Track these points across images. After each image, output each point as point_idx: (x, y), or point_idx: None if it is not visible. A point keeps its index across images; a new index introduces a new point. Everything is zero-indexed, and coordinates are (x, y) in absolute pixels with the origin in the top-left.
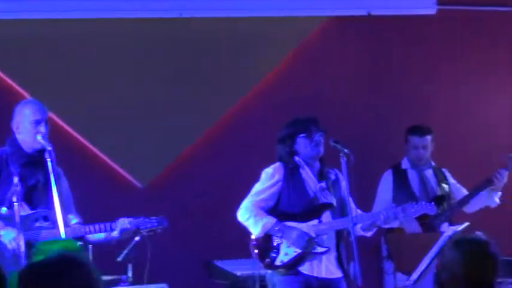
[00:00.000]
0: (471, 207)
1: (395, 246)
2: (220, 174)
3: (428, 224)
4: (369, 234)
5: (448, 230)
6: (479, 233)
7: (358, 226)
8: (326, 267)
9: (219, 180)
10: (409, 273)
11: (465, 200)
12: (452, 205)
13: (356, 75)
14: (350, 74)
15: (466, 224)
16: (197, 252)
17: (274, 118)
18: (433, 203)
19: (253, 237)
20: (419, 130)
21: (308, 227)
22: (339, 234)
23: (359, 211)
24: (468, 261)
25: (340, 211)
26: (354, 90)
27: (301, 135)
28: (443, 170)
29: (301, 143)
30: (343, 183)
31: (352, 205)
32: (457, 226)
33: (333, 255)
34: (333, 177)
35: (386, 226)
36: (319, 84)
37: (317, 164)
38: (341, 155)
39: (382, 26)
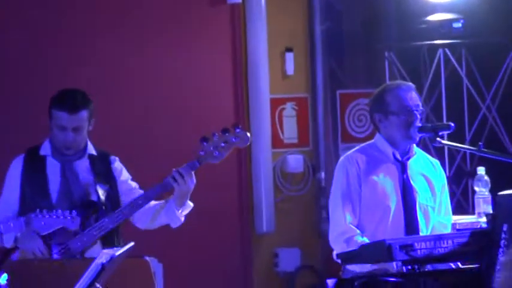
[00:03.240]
0: (146, 223)
1: (19, 278)
2: None
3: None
4: None
5: (101, 255)
6: None
7: None
8: None
9: None
10: None
11: (126, 211)
12: (111, 216)
13: None
14: None
15: (130, 244)
16: None
17: None
18: (74, 211)
19: None
20: (67, 103)
21: None
22: None
23: None
24: None
25: None
26: None
27: None
28: (112, 159)
29: None
30: None
31: None
32: (116, 249)
33: None
34: None
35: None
36: None
37: None
38: None
39: None
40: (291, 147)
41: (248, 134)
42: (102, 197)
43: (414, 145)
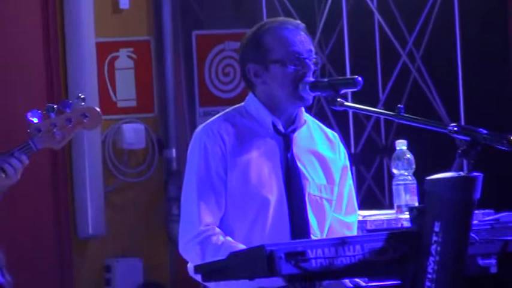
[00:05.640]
0: None
1: None
2: None
3: None
4: None
5: None
6: None
7: None
8: None
9: None
10: None
11: None
12: None
13: None
14: None
15: None
16: None
17: None
18: None
19: None
20: None
21: None
22: None
23: None
24: None
25: None
26: None
27: None
28: None
29: None
30: None
31: None
32: None
33: None
34: None
35: None
36: None
37: None
38: None
39: None
40: (128, 113)
41: (98, 110)
42: None
43: (303, 111)
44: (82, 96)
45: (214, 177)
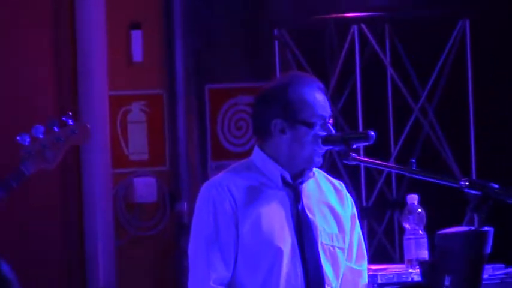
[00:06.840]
0: None
1: None
2: None
3: None
4: None
5: None
6: None
7: None
8: None
9: None
10: None
11: None
12: None
13: None
14: None
15: None
16: None
17: None
18: None
19: None
20: None
21: None
22: None
23: None
24: None
25: None
26: None
27: None
28: None
29: None
30: None
31: None
32: None
33: None
34: None
35: None
36: None
37: None
38: None
39: None
40: (140, 167)
41: (88, 126)
42: None
43: None
44: (70, 113)
45: (223, 234)
